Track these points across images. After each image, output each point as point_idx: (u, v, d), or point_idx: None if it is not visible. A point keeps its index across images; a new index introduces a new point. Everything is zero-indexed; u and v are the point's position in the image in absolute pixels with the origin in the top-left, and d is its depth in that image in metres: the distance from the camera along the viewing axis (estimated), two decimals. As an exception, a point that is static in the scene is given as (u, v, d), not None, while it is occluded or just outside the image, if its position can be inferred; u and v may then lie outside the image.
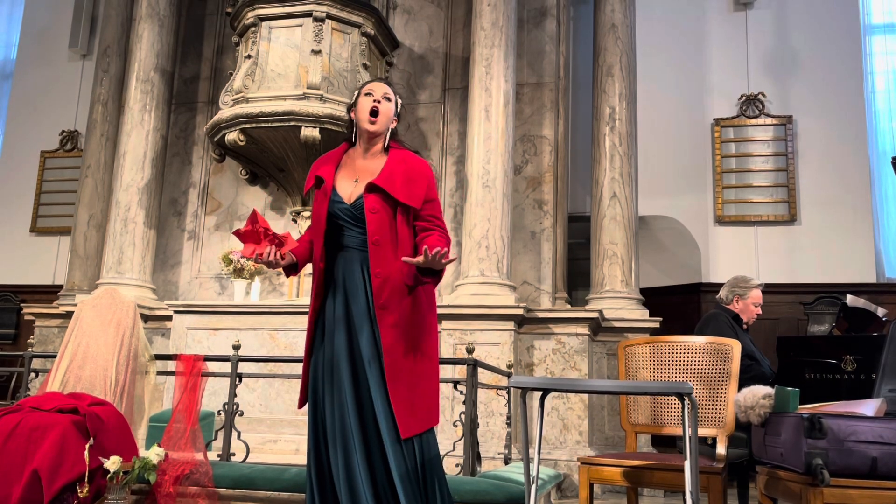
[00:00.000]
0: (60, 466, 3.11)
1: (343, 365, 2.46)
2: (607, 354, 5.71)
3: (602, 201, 6.01)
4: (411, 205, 2.53)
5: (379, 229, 2.51)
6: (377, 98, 2.63)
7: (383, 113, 2.62)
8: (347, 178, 2.62)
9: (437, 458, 2.50)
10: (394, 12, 6.67)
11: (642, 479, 2.82)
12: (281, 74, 5.88)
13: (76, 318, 4.00)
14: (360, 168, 2.63)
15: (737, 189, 7.31)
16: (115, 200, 6.33)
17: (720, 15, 7.65)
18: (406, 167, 2.58)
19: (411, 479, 2.38)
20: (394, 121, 2.69)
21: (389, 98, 2.66)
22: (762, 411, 2.73)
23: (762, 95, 7.39)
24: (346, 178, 2.63)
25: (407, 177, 2.55)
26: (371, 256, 2.50)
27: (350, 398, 2.42)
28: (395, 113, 2.69)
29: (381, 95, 2.64)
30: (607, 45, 6.22)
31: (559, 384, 2.38)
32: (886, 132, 7.42)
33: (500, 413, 5.14)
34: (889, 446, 2.33)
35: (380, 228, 2.51)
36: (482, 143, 5.62)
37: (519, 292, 5.69)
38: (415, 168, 2.59)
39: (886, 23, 7.59)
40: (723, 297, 4.28)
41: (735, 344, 3.02)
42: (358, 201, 2.55)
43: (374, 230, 2.51)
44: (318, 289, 2.59)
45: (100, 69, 7.09)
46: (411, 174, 2.57)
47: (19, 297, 8.22)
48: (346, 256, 2.56)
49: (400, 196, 2.51)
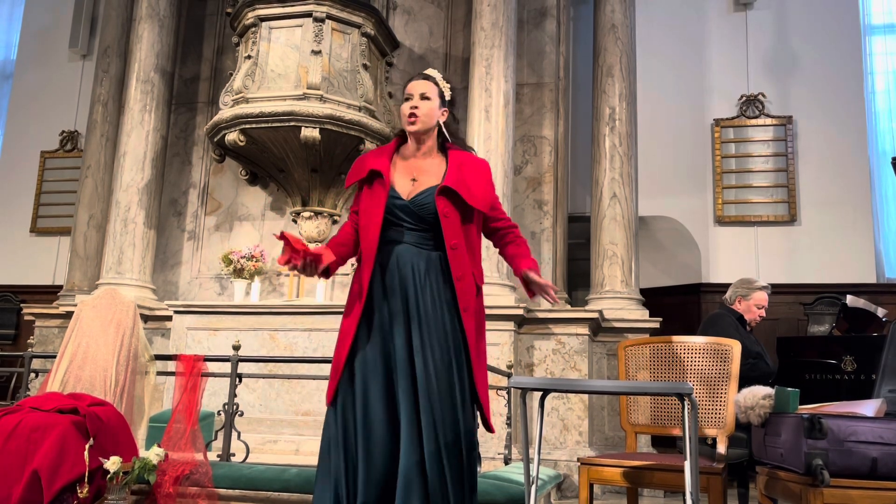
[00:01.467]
0: (60, 467, 3.11)
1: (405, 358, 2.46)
2: (607, 355, 5.71)
3: (602, 201, 6.01)
4: (483, 210, 2.58)
5: (455, 234, 2.53)
6: (414, 102, 2.63)
7: (423, 113, 2.61)
8: (404, 176, 2.62)
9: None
10: (394, 13, 6.67)
11: (642, 480, 2.82)
12: (281, 75, 5.88)
13: (76, 318, 4.00)
14: (417, 167, 2.64)
15: (737, 189, 7.31)
16: (115, 201, 6.33)
17: (720, 15, 7.65)
18: (469, 169, 2.60)
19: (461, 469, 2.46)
20: (443, 113, 2.67)
21: (429, 97, 2.63)
22: (762, 412, 2.73)
23: (762, 96, 7.39)
24: (403, 174, 2.63)
25: (474, 179, 2.58)
26: (451, 261, 2.52)
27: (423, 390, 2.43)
28: (441, 105, 2.66)
29: (418, 95, 2.64)
30: (607, 45, 6.22)
31: (559, 384, 2.38)
32: (886, 132, 7.41)
33: (499, 413, 5.14)
34: (889, 447, 2.33)
35: (455, 233, 2.53)
36: (482, 144, 5.62)
37: (519, 292, 5.68)
38: (477, 170, 2.62)
39: (886, 23, 7.59)
40: (727, 298, 4.30)
41: (735, 344, 3.02)
42: (419, 199, 2.56)
43: (450, 234, 2.53)
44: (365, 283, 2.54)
45: (100, 69, 7.09)
46: (476, 176, 2.59)
47: (19, 298, 8.22)
48: (399, 252, 2.55)
49: (472, 201, 2.54)
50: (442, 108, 2.66)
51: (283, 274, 6.29)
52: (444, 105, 2.67)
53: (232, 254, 6.01)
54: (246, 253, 6.11)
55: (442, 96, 2.67)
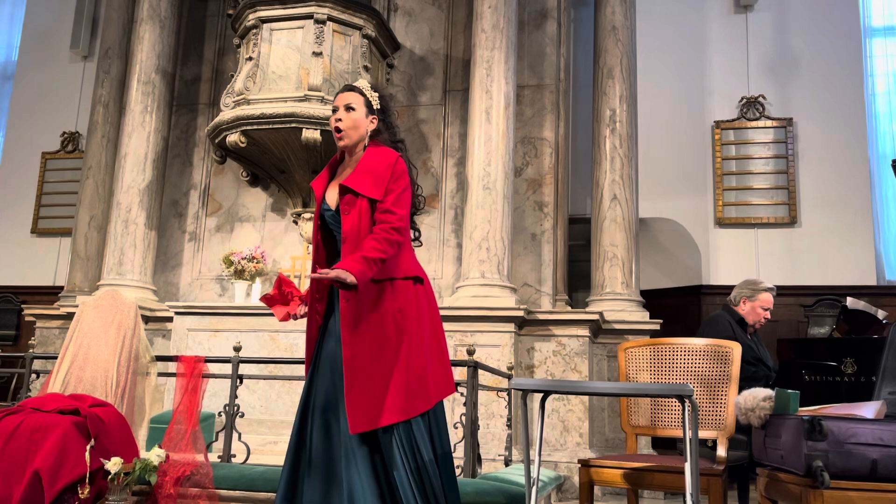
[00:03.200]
0: (61, 467, 3.11)
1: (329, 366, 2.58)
2: (608, 356, 5.71)
3: (602, 203, 6.01)
4: (375, 197, 2.56)
5: (351, 228, 2.56)
6: (338, 115, 2.69)
7: (347, 128, 2.67)
8: (334, 186, 2.70)
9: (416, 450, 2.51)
10: (395, 14, 6.67)
11: (643, 481, 2.82)
12: (282, 76, 5.89)
13: (77, 319, 4.01)
14: (344, 174, 2.69)
15: (737, 191, 7.32)
16: (115, 202, 6.34)
17: (721, 17, 7.66)
18: (373, 162, 2.62)
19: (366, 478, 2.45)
20: (371, 121, 2.70)
21: (353, 107, 2.68)
22: (762, 413, 2.73)
23: (762, 98, 7.40)
24: (334, 185, 2.71)
25: (373, 171, 2.59)
26: (343, 254, 2.57)
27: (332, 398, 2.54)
28: (368, 113, 2.70)
29: (343, 107, 2.69)
30: (608, 47, 6.23)
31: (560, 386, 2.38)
32: (887, 134, 7.42)
33: (500, 415, 5.14)
34: (889, 448, 2.34)
35: (352, 227, 2.56)
36: (483, 145, 5.62)
37: (519, 294, 5.69)
38: (379, 160, 2.62)
39: (886, 25, 7.60)
40: (731, 299, 4.27)
41: (735, 346, 3.02)
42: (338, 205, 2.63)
43: (347, 229, 2.57)
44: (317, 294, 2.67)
45: (101, 71, 7.10)
46: (375, 167, 2.60)
47: (20, 299, 8.23)
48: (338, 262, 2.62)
49: (364, 191, 2.55)
50: (370, 116, 2.70)
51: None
52: (371, 113, 2.71)
53: (233, 255, 6.01)
54: (247, 254, 6.12)
55: (369, 105, 2.70)
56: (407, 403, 2.47)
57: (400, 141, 2.76)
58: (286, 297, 2.67)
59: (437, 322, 2.67)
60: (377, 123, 2.71)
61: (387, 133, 2.74)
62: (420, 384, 2.51)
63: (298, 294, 2.68)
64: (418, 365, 2.52)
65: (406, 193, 2.61)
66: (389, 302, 2.54)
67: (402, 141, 2.77)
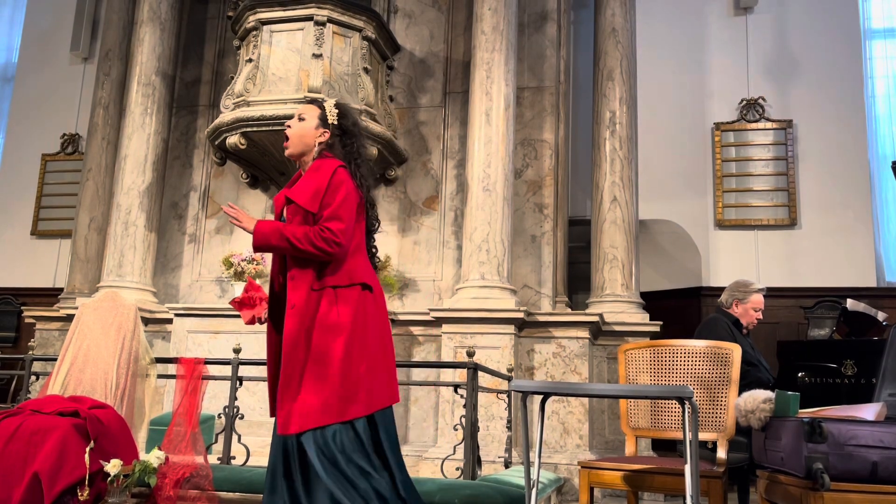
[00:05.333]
0: (61, 469, 3.11)
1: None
2: (608, 358, 5.71)
3: (602, 205, 6.01)
4: (310, 209, 2.59)
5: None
6: (289, 122, 2.77)
7: (292, 136, 2.73)
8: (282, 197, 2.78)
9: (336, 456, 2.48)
10: (395, 16, 6.68)
11: (643, 483, 2.82)
12: (282, 78, 5.89)
13: (77, 321, 4.00)
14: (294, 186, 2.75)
15: (737, 193, 7.32)
16: (115, 203, 6.34)
17: (721, 19, 7.67)
18: (314, 174, 2.65)
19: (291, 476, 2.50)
20: (322, 133, 2.73)
21: (304, 118, 2.74)
22: (763, 415, 2.73)
23: (762, 99, 7.40)
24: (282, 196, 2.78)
25: (312, 183, 2.62)
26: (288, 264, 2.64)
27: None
28: (320, 126, 2.73)
29: (296, 117, 2.76)
30: (608, 49, 6.23)
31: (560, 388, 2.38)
32: (886, 136, 7.42)
33: (500, 417, 5.14)
34: (889, 450, 2.33)
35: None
36: (483, 147, 5.63)
37: (519, 296, 5.69)
38: (320, 172, 2.64)
39: (886, 27, 7.60)
40: (723, 301, 4.27)
41: (735, 348, 3.01)
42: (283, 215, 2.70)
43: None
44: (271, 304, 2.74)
45: (101, 72, 7.11)
46: (315, 178, 2.63)
47: (20, 300, 8.22)
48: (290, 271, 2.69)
49: (301, 202, 2.60)
50: (322, 129, 2.73)
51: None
52: (324, 127, 2.74)
53: (232, 257, 6.01)
54: (246, 256, 6.12)
55: (324, 119, 2.74)
56: (341, 407, 2.47)
57: (355, 160, 2.74)
58: (253, 301, 2.73)
59: (385, 330, 2.67)
60: (328, 137, 2.73)
61: (341, 149, 2.74)
62: (357, 390, 2.51)
63: (265, 298, 2.74)
64: (357, 371, 2.52)
65: (347, 204, 2.60)
66: (332, 308, 2.55)
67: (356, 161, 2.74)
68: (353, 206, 2.62)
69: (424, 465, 5.23)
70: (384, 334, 2.65)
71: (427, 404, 5.62)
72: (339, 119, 2.76)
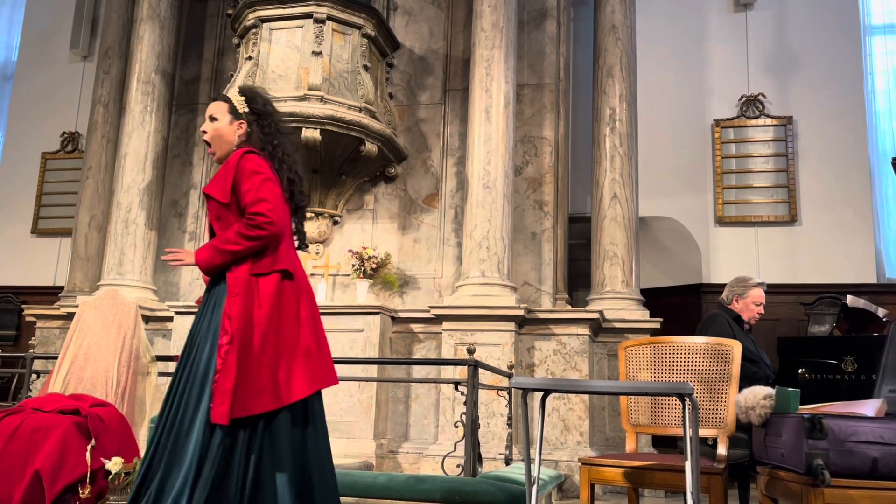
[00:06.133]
0: (62, 468, 3.11)
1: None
2: (608, 355, 5.71)
3: (602, 202, 6.01)
4: (219, 199, 2.59)
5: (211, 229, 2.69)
6: (203, 127, 2.75)
7: (212, 139, 2.72)
8: None
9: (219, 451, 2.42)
10: (394, 14, 6.67)
11: (643, 480, 2.82)
12: (282, 76, 5.89)
13: (77, 319, 4.01)
14: None
15: (737, 190, 7.32)
16: (115, 202, 6.34)
17: (720, 15, 7.66)
18: (225, 166, 2.64)
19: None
20: (239, 126, 2.71)
21: (216, 117, 2.72)
22: (763, 412, 2.73)
23: (762, 96, 7.39)
24: None
25: (222, 174, 2.62)
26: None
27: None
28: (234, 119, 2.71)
29: (207, 119, 2.74)
30: (607, 46, 6.23)
31: (560, 385, 2.38)
32: (886, 132, 7.42)
33: (500, 414, 5.14)
34: (890, 447, 2.33)
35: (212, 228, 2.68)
36: (483, 144, 5.62)
37: (520, 293, 5.69)
38: (228, 163, 2.63)
39: (886, 23, 7.60)
40: (724, 298, 4.27)
41: (735, 345, 3.01)
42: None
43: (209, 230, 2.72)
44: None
45: (101, 71, 7.10)
46: (225, 169, 2.62)
47: (20, 299, 8.23)
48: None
49: (213, 193, 2.61)
50: (236, 122, 2.71)
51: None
52: (238, 119, 2.72)
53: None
54: (247, 254, 6.10)
55: (234, 111, 2.72)
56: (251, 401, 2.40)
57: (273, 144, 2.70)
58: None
59: (305, 317, 2.58)
60: (246, 127, 2.71)
61: (260, 134, 2.71)
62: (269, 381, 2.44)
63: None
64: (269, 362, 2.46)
65: (265, 187, 2.55)
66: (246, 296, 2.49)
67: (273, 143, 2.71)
68: (272, 193, 2.56)
69: (425, 462, 5.24)
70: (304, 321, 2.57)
71: (428, 401, 5.63)
72: (249, 105, 2.73)
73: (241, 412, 2.39)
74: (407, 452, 5.47)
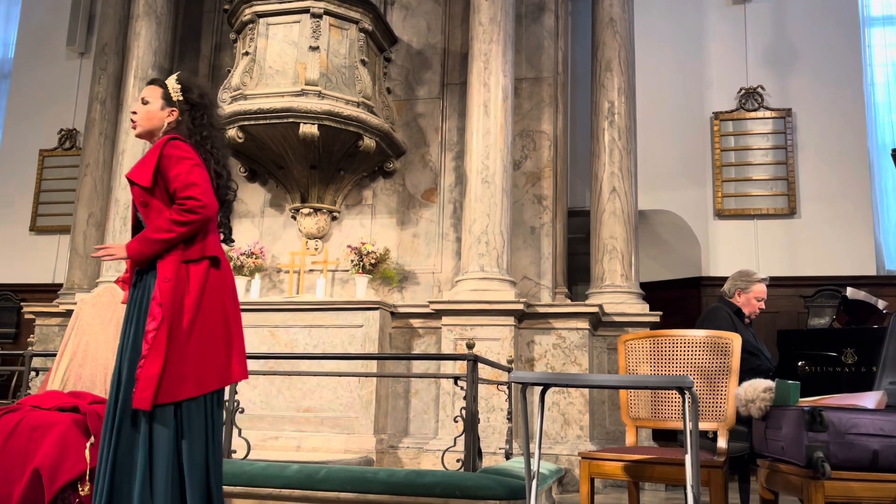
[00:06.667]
0: (62, 465, 3.10)
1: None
2: (607, 349, 5.71)
3: (601, 196, 6.00)
4: (141, 183, 2.58)
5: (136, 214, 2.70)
6: (133, 108, 2.75)
7: (138, 120, 2.71)
8: None
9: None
10: (391, 8, 6.65)
11: (643, 474, 2.82)
12: (279, 71, 5.87)
13: (76, 316, 4.00)
14: None
15: (736, 183, 7.31)
16: (114, 198, 6.33)
17: (719, 8, 7.64)
18: (149, 152, 2.63)
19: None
20: (170, 113, 2.70)
21: (148, 101, 2.71)
22: (763, 405, 2.73)
23: (761, 88, 7.38)
24: None
25: (145, 159, 2.62)
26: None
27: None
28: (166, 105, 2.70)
29: (140, 101, 2.73)
30: (606, 39, 6.21)
31: (560, 379, 2.38)
32: (886, 125, 7.41)
33: (500, 408, 5.14)
34: (890, 439, 2.33)
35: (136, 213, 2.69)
36: (481, 139, 5.61)
37: (519, 287, 5.69)
38: (153, 148, 2.63)
39: (885, 15, 7.57)
40: (726, 291, 4.26)
41: (735, 338, 3.01)
42: None
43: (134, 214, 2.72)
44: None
45: (98, 67, 7.08)
46: (148, 155, 2.62)
47: (19, 296, 8.22)
48: None
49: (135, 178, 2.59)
50: (168, 108, 2.70)
51: (283, 271, 6.29)
52: (171, 106, 2.70)
53: (232, 251, 6.00)
54: (246, 250, 6.11)
55: (167, 98, 2.70)
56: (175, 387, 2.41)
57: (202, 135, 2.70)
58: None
59: (229, 306, 2.59)
60: (178, 115, 2.70)
61: (190, 124, 2.70)
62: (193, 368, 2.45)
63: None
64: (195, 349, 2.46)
65: (195, 171, 2.55)
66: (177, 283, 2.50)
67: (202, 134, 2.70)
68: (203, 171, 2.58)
69: (425, 456, 5.24)
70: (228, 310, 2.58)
71: (427, 396, 5.63)
72: (183, 94, 2.71)
73: (165, 398, 2.40)
74: (407, 447, 5.47)
